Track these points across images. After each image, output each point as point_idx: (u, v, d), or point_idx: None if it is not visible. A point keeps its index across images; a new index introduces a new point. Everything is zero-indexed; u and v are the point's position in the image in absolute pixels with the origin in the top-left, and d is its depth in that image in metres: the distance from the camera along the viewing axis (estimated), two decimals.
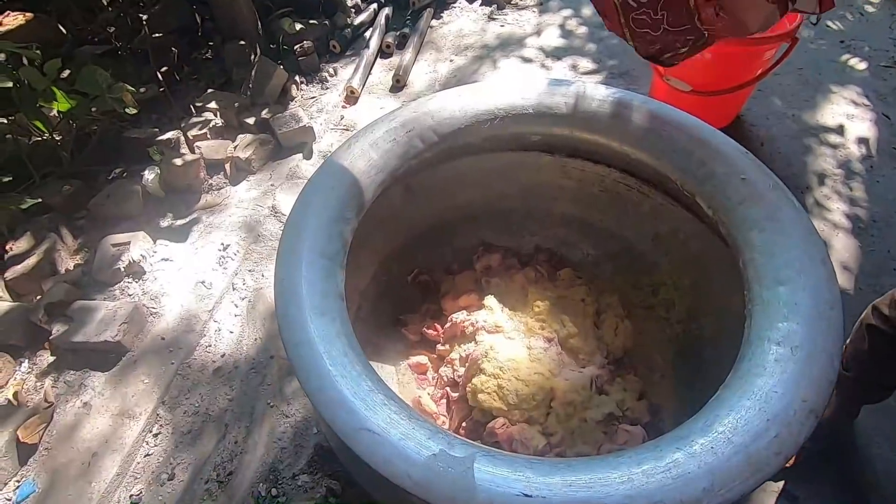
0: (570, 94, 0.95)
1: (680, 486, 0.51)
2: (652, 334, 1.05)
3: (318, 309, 0.67)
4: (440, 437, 0.57)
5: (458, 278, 1.14)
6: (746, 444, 0.54)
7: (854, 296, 1.53)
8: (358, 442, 0.55)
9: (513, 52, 2.45)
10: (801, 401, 0.56)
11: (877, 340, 0.99)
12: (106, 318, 1.45)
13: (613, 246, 1.16)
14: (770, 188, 0.77)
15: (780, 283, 0.68)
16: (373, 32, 2.45)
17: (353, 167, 0.84)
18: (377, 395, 0.60)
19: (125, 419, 1.37)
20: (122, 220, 1.75)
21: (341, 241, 0.78)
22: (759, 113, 2.07)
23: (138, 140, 1.86)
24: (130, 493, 1.30)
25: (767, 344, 0.63)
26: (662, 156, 0.88)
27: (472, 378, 0.93)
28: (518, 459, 0.56)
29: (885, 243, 1.64)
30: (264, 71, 2.08)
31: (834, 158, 1.89)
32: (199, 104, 2.02)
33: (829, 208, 1.75)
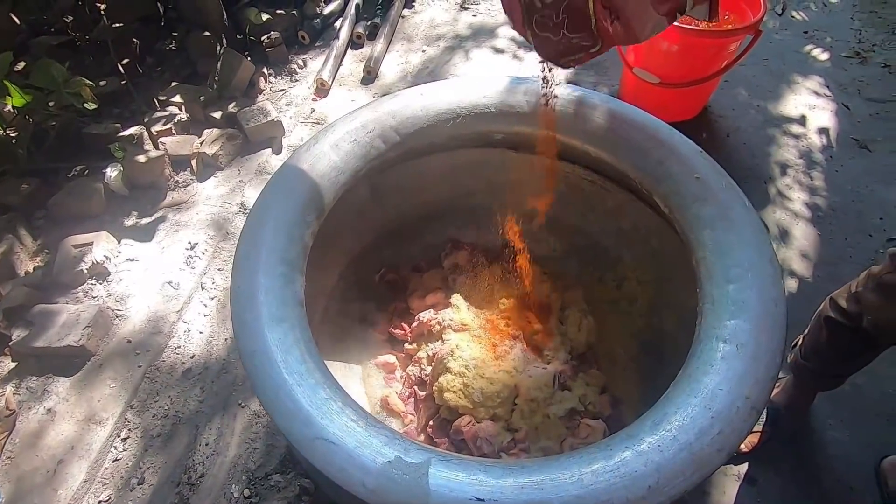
0: (532, 92, 0.95)
1: (627, 484, 0.53)
2: (615, 328, 1.07)
3: (276, 316, 0.67)
4: (397, 443, 0.58)
5: (425, 276, 1.14)
6: (691, 442, 0.56)
7: (812, 283, 1.58)
8: (313, 451, 0.55)
9: (485, 42, 2.43)
10: (744, 398, 0.59)
11: (834, 332, 1.02)
12: (69, 322, 1.41)
13: (579, 241, 1.17)
14: (723, 188, 0.79)
15: (730, 282, 0.70)
16: (343, 22, 2.41)
17: (313, 169, 0.83)
18: (334, 404, 0.60)
19: (92, 424, 1.34)
20: (83, 219, 1.70)
21: (301, 244, 0.77)
22: (725, 104, 2.10)
23: (99, 136, 1.81)
24: (99, 500, 1.28)
25: (715, 342, 0.65)
26: (621, 154, 0.89)
27: (439, 377, 0.94)
28: (472, 463, 0.57)
29: (843, 232, 1.70)
30: (230, 63, 2.02)
31: (796, 149, 1.94)
32: (164, 98, 1.97)
33: (790, 198, 1.80)
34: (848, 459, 1.26)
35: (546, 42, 0.67)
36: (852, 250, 1.66)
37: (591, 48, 0.65)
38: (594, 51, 0.66)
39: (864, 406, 1.34)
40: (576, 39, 0.64)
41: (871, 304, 0.90)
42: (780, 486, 1.22)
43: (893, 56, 2.28)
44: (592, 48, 0.65)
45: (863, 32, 2.40)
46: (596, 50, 0.66)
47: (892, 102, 2.09)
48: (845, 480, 1.23)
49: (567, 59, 0.69)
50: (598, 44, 0.64)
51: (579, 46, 0.65)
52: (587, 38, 0.64)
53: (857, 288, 0.96)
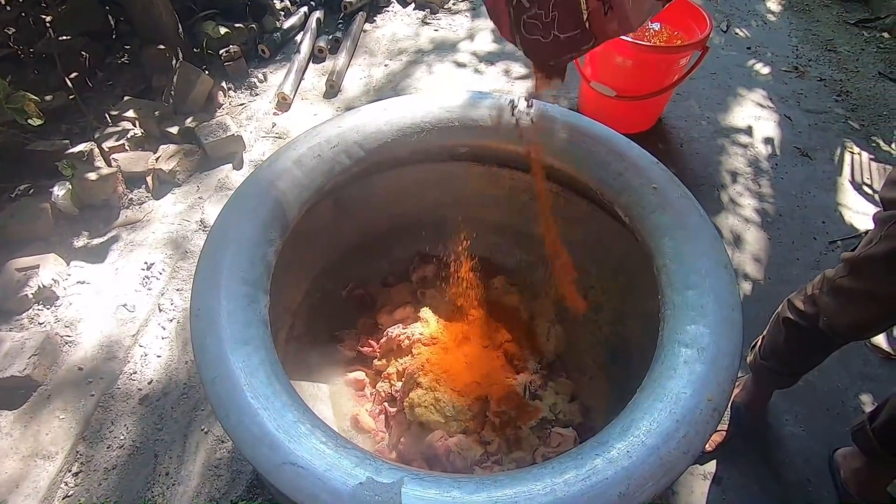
0: (494, 107, 0.96)
1: (598, 492, 0.54)
2: (583, 337, 1.09)
3: (240, 339, 0.65)
4: (368, 463, 0.56)
5: (393, 291, 1.13)
6: (658, 446, 0.57)
7: (764, 285, 1.66)
8: (281, 477, 0.54)
9: (447, 56, 2.46)
10: (706, 400, 0.61)
11: (792, 333, 1.07)
12: (12, 351, 1.33)
13: (545, 251, 1.19)
14: (678, 197, 0.82)
15: (689, 288, 0.73)
16: (304, 36, 2.39)
17: (275, 186, 0.81)
18: (302, 426, 0.58)
19: (39, 460, 1.26)
20: (29, 241, 1.61)
21: (264, 264, 0.75)
22: (678, 115, 2.20)
23: (46, 153, 1.72)
24: None
25: (678, 346, 0.67)
26: (582, 167, 0.91)
27: (410, 392, 0.93)
28: (445, 479, 0.56)
29: (790, 235, 1.79)
30: (187, 77, 1.97)
31: (745, 157, 2.04)
32: (115, 113, 1.90)
33: (741, 204, 1.88)
34: (804, 453, 1.31)
35: (536, 45, 0.64)
36: (799, 252, 1.75)
37: (584, 44, 0.63)
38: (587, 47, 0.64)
39: (815, 401, 1.41)
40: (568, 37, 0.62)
41: (826, 306, 0.94)
42: (743, 483, 1.26)
43: (827, 70, 2.45)
44: (585, 44, 0.63)
45: (799, 48, 2.56)
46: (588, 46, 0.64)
47: (829, 113, 2.23)
48: (803, 473, 1.28)
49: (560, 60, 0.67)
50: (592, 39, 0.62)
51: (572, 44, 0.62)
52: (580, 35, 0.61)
53: (814, 290, 1.01)
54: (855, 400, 1.43)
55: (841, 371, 1.47)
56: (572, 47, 0.64)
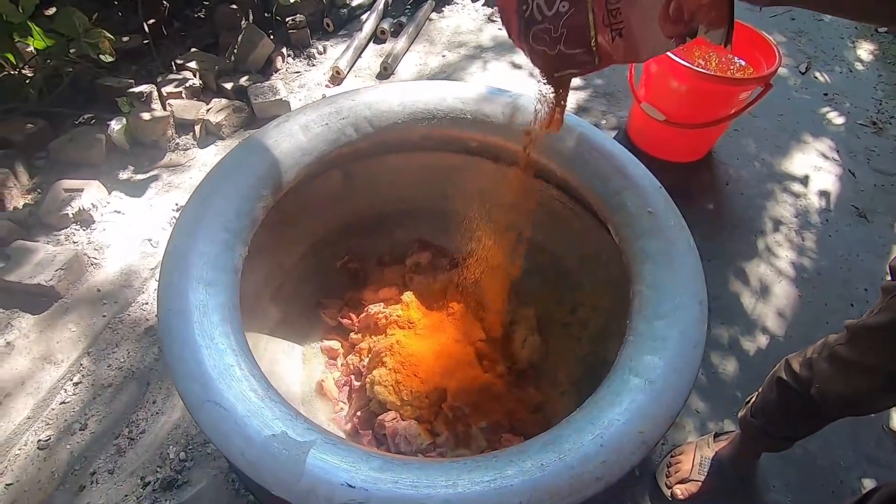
0: (508, 104, 0.96)
1: (498, 498, 0.53)
2: (562, 352, 1.07)
3: (205, 279, 0.68)
4: (289, 419, 0.58)
5: (386, 271, 1.15)
6: (573, 466, 0.55)
7: (784, 342, 1.56)
8: (202, 415, 0.56)
9: (505, 56, 2.45)
10: (637, 432, 0.58)
11: (783, 394, 1.01)
12: (44, 262, 1.45)
13: (543, 260, 1.17)
14: (671, 226, 0.79)
15: (658, 318, 0.70)
16: (369, 16, 2.44)
17: (277, 145, 0.84)
18: (237, 370, 0.61)
19: (46, 364, 1.37)
20: (81, 166, 1.74)
21: (250, 217, 0.79)
22: (730, 152, 2.09)
23: (111, 89, 1.85)
24: (39, 438, 1.30)
25: (628, 374, 0.65)
26: (584, 179, 0.89)
27: (373, 370, 0.95)
28: (356, 451, 0.57)
29: (825, 296, 1.67)
30: (251, 38, 2.07)
31: (793, 207, 1.92)
32: (181, 62, 2.01)
33: (777, 255, 1.78)
34: None
35: (542, 56, 0.66)
36: (830, 316, 1.63)
37: (586, 64, 0.64)
38: (591, 67, 0.65)
39: (812, 473, 1.32)
40: (572, 54, 0.64)
41: (821, 373, 0.89)
42: None
43: None
44: (588, 65, 0.64)
45: (884, 103, 2.38)
46: (591, 67, 0.65)
47: None
48: None
49: (561, 74, 0.68)
50: (595, 60, 0.64)
51: (576, 62, 0.64)
52: (584, 55, 0.63)
53: (813, 354, 0.95)
54: (856, 482, 1.32)
55: (848, 447, 1.37)
56: (576, 65, 0.65)
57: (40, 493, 1.24)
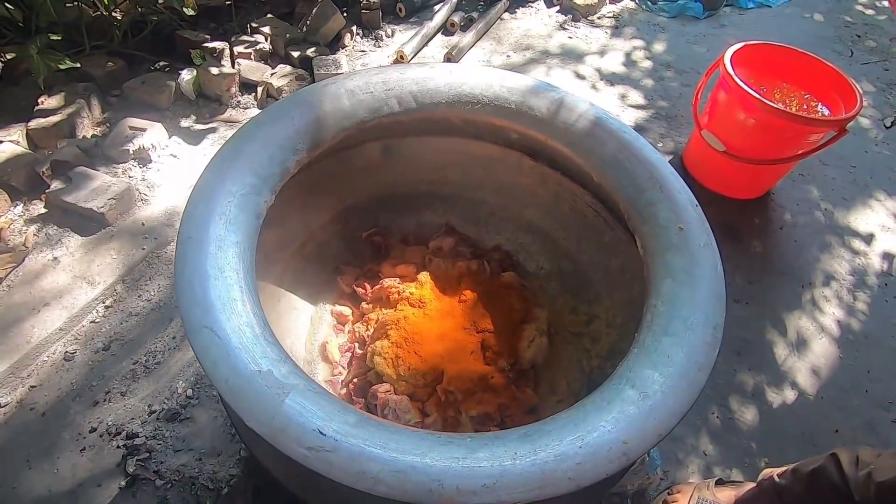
0: (554, 100, 0.94)
1: (463, 473, 0.52)
2: (569, 361, 1.04)
3: (227, 217, 0.71)
4: (277, 361, 0.60)
5: (408, 249, 1.16)
6: (547, 461, 0.54)
7: (813, 402, 1.47)
8: (198, 338, 0.58)
9: (570, 65, 2.42)
10: (621, 442, 0.56)
11: (823, 490, 0.93)
12: (99, 189, 1.54)
13: (567, 266, 1.15)
14: (701, 245, 0.76)
15: (667, 334, 0.67)
16: (442, 7, 2.47)
17: (320, 104, 0.86)
18: (239, 304, 0.63)
19: (84, 284, 1.46)
20: (149, 108, 1.85)
21: (282, 168, 0.81)
22: (791, 195, 1.98)
23: (188, 41, 1.95)
24: (66, 350, 1.39)
25: (625, 384, 0.63)
26: (619, 186, 0.87)
27: (377, 340, 0.96)
28: (336, 403, 0.58)
29: (868, 363, 1.56)
30: (324, 12, 2.13)
31: (850, 264, 1.80)
32: (255, 25, 2.10)
33: (823, 310, 1.67)
34: None
35: None
36: (872, 385, 1.52)
37: None
38: None
39: None
40: None
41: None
42: None
43: None
44: None
45: None
46: None
47: None
48: None
49: None
50: None
51: None
52: None
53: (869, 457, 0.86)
54: None
55: None
56: None
57: (58, 401, 1.32)
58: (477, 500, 0.51)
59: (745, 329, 1.61)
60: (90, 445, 1.27)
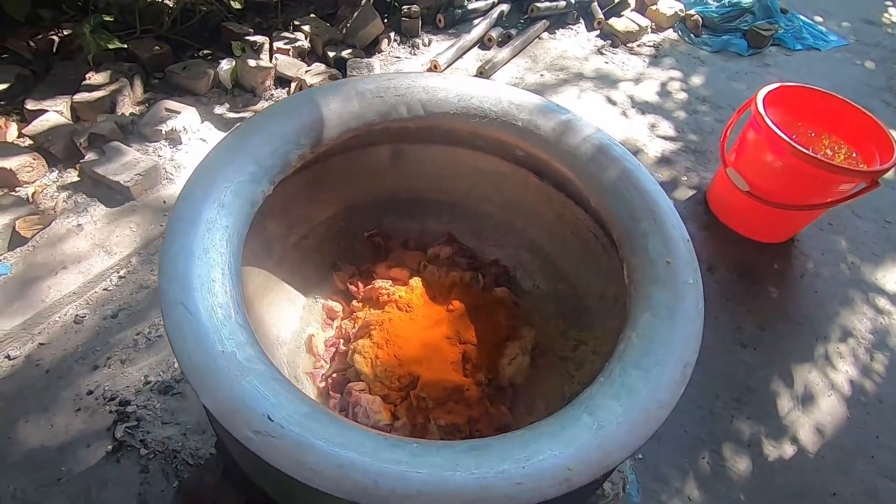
0: (560, 121, 0.94)
1: (401, 476, 0.53)
2: (551, 384, 1.03)
3: (222, 202, 0.73)
4: (243, 345, 0.61)
5: (407, 254, 1.17)
6: (486, 477, 0.54)
7: (812, 460, 1.40)
8: (171, 313, 0.61)
9: (603, 89, 2.41)
10: (566, 468, 0.55)
11: None
12: (128, 164, 1.62)
13: (564, 289, 1.14)
14: (686, 283, 0.74)
15: (637, 368, 0.66)
16: (481, 21, 2.50)
17: (328, 103, 0.89)
18: (218, 286, 0.65)
19: (102, 252, 1.53)
20: (186, 92, 1.93)
21: (284, 160, 0.83)
22: (817, 244, 1.91)
23: (231, 32, 2.04)
24: (76, 314, 1.45)
25: (582, 411, 0.62)
26: (614, 213, 0.86)
27: (359, 339, 0.97)
28: (293, 392, 0.59)
29: (878, 427, 1.48)
30: (365, 16, 2.19)
31: (872, 323, 1.72)
32: (298, 23, 2.17)
33: (836, 367, 1.60)
34: None
35: None
36: (879, 452, 1.44)
37: None
38: None
39: None
40: None
41: None
42: None
43: None
44: None
45: None
46: None
47: None
48: None
49: None
50: None
51: None
52: None
53: None
54: None
55: None
56: None
57: (62, 360, 1.39)
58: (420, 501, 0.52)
59: (750, 376, 1.56)
60: (85, 407, 1.33)
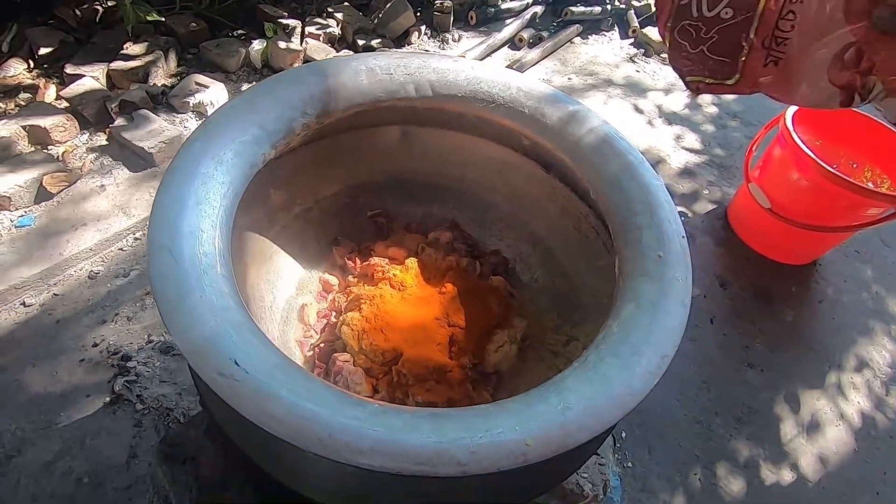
0: (567, 111, 0.94)
1: (356, 432, 0.53)
2: (538, 377, 1.01)
3: (220, 159, 0.75)
4: (220, 293, 0.62)
5: (407, 236, 1.17)
6: (441, 442, 0.53)
7: (811, 488, 1.35)
8: (157, 256, 0.62)
9: (631, 97, 2.38)
10: (523, 443, 0.55)
11: None
12: (154, 132, 1.67)
13: (561, 284, 1.13)
14: (673, 278, 0.72)
15: (612, 356, 0.65)
16: (513, 21, 2.50)
17: (337, 75, 0.90)
18: (205, 235, 0.67)
19: (121, 214, 1.58)
20: (217, 69, 1.99)
21: (288, 126, 0.85)
22: (839, 271, 1.84)
23: (267, 14, 2.09)
24: (91, 270, 1.51)
25: (551, 392, 0.61)
26: (612, 205, 0.85)
27: (349, 312, 0.98)
28: (266, 345, 0.59)
29: (887, 464, 1.41)
30: (397, 8, 2.22)
31: (891, 356, 1.64)
32: (331, 10, 2.21)
33: (847, 397, 1.53)
34: None
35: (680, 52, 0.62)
36: (885, 488, 1.38)
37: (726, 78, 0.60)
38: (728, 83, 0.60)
39: None
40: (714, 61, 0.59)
41: None
42: None
43: None
44: (727, 79, 0.60)
45: None
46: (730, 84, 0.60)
47: None
48: None
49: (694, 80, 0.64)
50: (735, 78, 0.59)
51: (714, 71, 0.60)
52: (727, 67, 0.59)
53: None
54: None
55: None
56: (715, 72, 0.61)
57: (73, 312, 1.44)
58: (362, 459, 0.52)
59: (753, 397, 1.51)
60: (89, 359, 1.37)
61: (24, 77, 1.79)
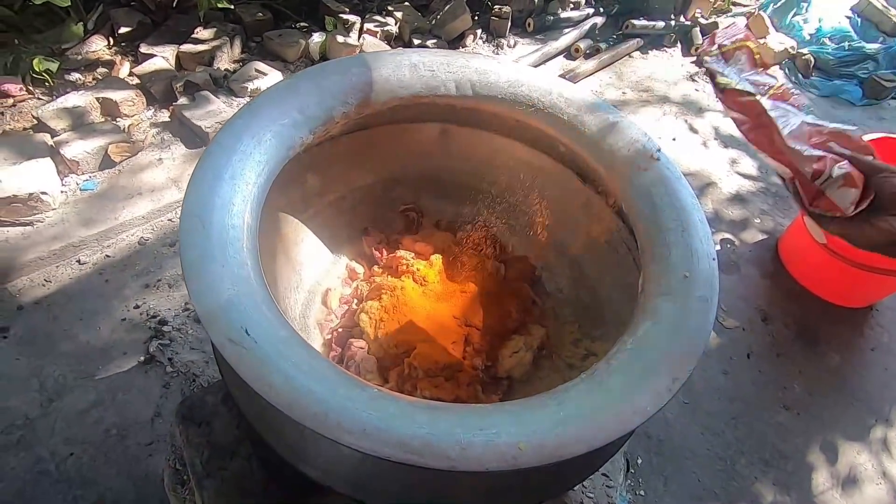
0: (607, 121, 0.92)
1: (350, 413, 0.54)
2: (550, 386, 0.99)
3: (259, 138, 0.78)
4: (242, 265, 0.65)
5: (437, 234, 1.18)
6: (433, 434, 0.53)
7: None
8: (187, 222, 0.65)
9: (686, 115, 2.30)
10: (516, 446, 0.54)
11: None
12: (212, 113, 1.76)
13: (585, 297, 1.10)
14: (698, 297, 0.69)
15: (621, 373, 0.63)
16: (571, 31, 2.47)
17: (381, 69, 0.92)
18: (234, 208, 0.70)
19: (174, 187, 1.67)
20: (277, 58, 2.07)
21: (327, 114, 0.88)
22: None
23: (329, 9, 2.16)
24: (141, 237, 1.60)
25: (552, 399, 0.60)
26: (642, 219, 0.82)
27: (369, 300, 0.99)
28: (279, 319, 0.62)
29: None
30: (455, 11, 2.24)
31: None
32: (391, 9, 2.26)
33: (893, 455, 1.42)
34: None
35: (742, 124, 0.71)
36: None
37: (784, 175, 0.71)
38: None
39: None
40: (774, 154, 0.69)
41: None
42: None
43: None
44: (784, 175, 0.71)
45: None
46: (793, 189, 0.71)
47: None
48: None
49: None
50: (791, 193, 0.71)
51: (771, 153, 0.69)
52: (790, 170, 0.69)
53: None
54: None
55: None
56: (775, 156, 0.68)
57: (121, 274, 1.53)
58: (352, 440, 0.52)
59: (785, 440, 1.42)
60: (130, 319, 1.46)
61: (103, 53, 1.93)
